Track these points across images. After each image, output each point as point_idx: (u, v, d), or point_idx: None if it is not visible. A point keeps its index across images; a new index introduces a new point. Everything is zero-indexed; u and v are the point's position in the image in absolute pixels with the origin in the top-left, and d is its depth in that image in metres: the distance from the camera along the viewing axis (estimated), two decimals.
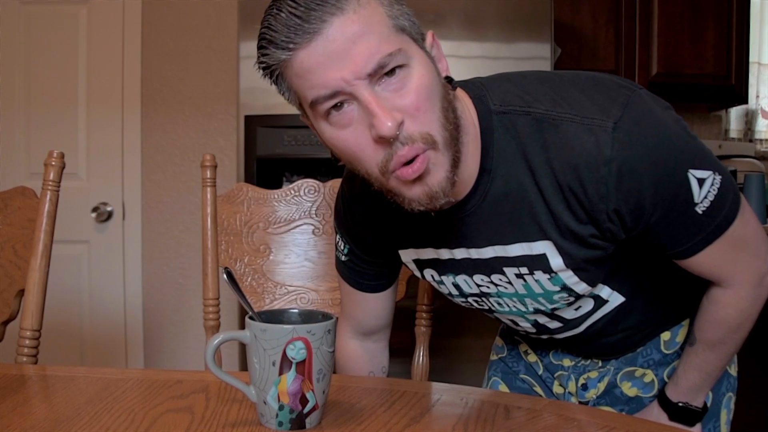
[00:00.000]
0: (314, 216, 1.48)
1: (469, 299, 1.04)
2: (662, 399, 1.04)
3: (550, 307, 0.99)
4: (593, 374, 1.13)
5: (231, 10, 2.82)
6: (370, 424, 0.81)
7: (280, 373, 0.77)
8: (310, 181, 1.48)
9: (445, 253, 0.99)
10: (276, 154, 2.36)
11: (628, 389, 1.10)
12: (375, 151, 0.78)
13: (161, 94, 2.88)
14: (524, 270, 0.93)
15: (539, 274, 0.93)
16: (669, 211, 0.84)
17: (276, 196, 1.48)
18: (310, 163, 2.37)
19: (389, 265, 1.10)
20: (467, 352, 2.35)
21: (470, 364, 2.30)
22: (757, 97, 3.37)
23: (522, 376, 1.22)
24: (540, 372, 1.20)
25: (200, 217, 1.79)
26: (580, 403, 1.14)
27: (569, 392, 1.15)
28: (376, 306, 1.15)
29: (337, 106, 0.77)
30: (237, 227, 1.47)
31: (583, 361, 1.14)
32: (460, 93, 0.87)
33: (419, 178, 0.79)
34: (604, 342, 1.08)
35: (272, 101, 2.37)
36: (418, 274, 1.06)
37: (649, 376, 1.10)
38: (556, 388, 1.17)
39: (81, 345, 2.87)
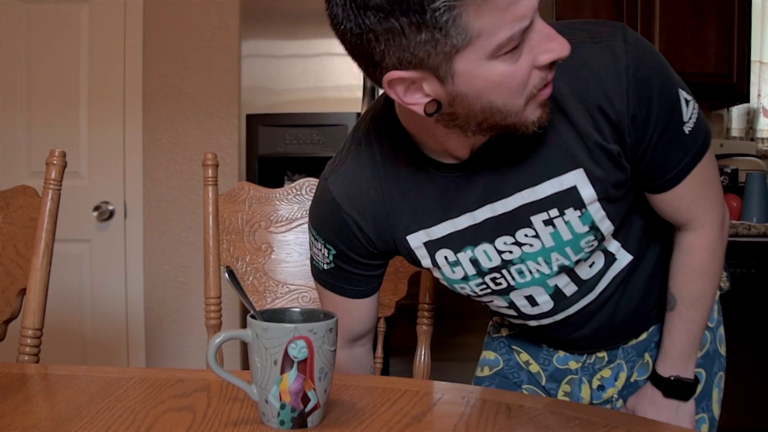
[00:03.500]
0: None
1: (486, 278, 1.01)
2: (654, 377, 1.05)
3: (575, 258, 0.97)
4: (606, 373, 1.12)
5: (232, 8, 2.83)
6: (371, 423, 0.81)
7: (282, 372, 0.77)
8: (312, 180, 1.48)
9: (464, 221, 0.96)
10: (277, 153, 2.36)
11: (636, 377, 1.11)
12: (531, 79, 0.78)
13: (162, 93, 2.88)
14: (554, 212, 0.93)
15: (570, 213, 0.93)
16: (666, 127, 0.89)
17: (277, 195, 1.48)
18: (311, 161, 2.37)
19: (380, 264, 1.07)
20: (469, 350, 2.34)
21: (472, 363, 2.29)
22: (759, 95, 3.37)
23: (525, 386, 1.19)
24: (543, 383, 1.17)
25: (202, 216, 1.79)
26: (592, 404, 1.13)
27: (581, 396, 1.13)
28: (365, 311, 1.12)
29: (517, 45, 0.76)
30: (238, 226, 1.47)
31: (588, 360, 1.14)
32: None
33: (545, 100, 0.82)
34: (611, 320, 1.07)
35: (274, 100, 2.37)
36: (427, 261, 1.01)
37: (646, 356, 1.10)
38: (561, 399, 1.15)
39: (82, 344, 2.88)
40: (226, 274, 0.86)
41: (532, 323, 1.10)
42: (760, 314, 2.48)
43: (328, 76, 2.39)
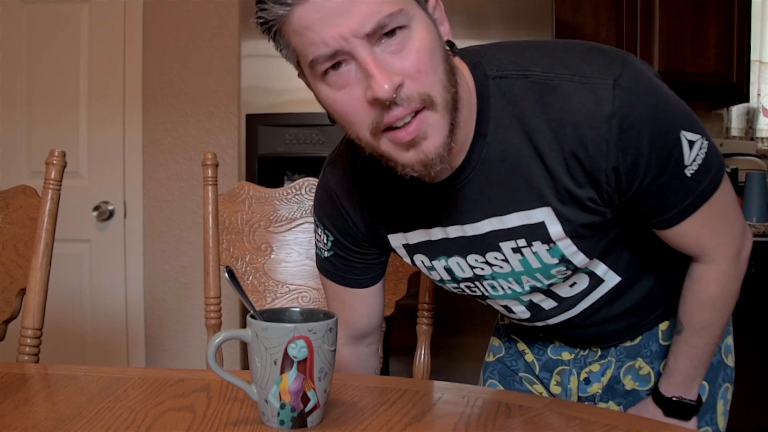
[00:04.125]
0: None
1: (461, 285, 1.02)
2: (656, 395, 1.04)
3: (547, 283, 0.97)
4: (595, 367, 1.13)
5: (232, 8, 2.83)
6: (371, 423, 0.81)
7: (282, 372, 0.77)
8: (312, 180, 1.48)
9: (437, 233, 0.96)
10: (277, 153, 2.36)
11: (628, 382, 1.10)
12: (367, 113, 0.77)
13: (162, 93, 2.88)
14: (522, 242, 0.92)
15: (538, 245, 0.91)
16: (661, 172, 0.84)
17: (277, 195, 1.48)
18: (311, 161, 2.37)
19: (377, 254, 1.07)
20: (469, 350, 2.35)
21: (472, 363, 2.30)
22: (759, 95, 3.37)
23: (521, 374, 1.21)
24: (537, 371, 1.19)
25: (201, 216, 1.79)
26: (580, 398, 1.14)
27: (569, 387, 1.14)
28: (367, 303, 1.12)
29: (335, 66, 0.76)
30: (238, 226, 1.47)
31: (582, 352, 1.14)
32: (456, 60, 0.86)
33: (414, 144, 0.78)
34: (599, 328, 1.08)
35: (274, 100, 2.37)
36: (408, 260, 1.04)
37: (646, 368, 1.10)
38: (554, 388, 1.16)
39: (82, 344, 2.88)
40: (226, 274, 0.86)
41: (515, 321, 1.12)
42: (760, 314, 2.48)
43: None
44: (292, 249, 1.47)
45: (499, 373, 1.23)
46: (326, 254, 1.08)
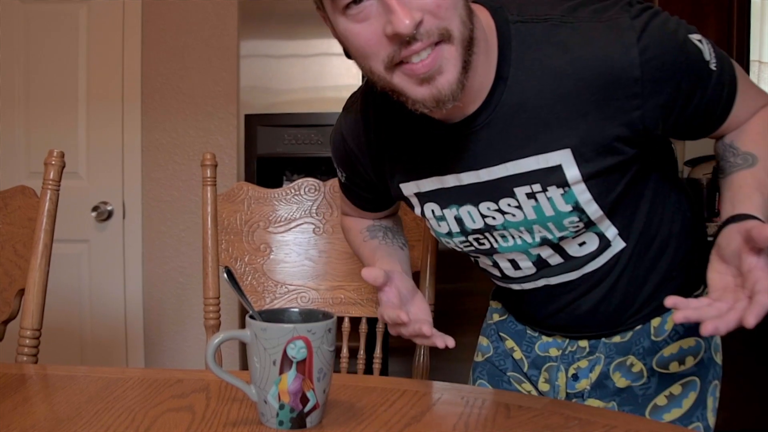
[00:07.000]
0: (315, 215, 1.47)
1: (470, 238, 1.03)
2: (731, 219, 0.85)
3: (558, 235, 0.97)
4: (583, 363, 1.12)
5: (231, 8, 2.82)
6: (370, 423, 0.81)
7: (281, 372, 0.77)
8: (311, 180, 1.48)
9: (450, 180, 0.97)
10: (276, 153, 2.36)
11: (618, 379, 1.10)
12: (383, 47, 0.78)
13: (161, 93, 2.88)
14: (537, 187, 0.92)
15: (552, 190, 0.92)
16: (698, 80, 0.87)
17: (276, 195, 1.48)
18: (310, 162, 2.37)
19: (387, 194, 1.12)
20: (468, 351, 2.33)
21: (470, 364, 2.30)
22: None
23: (510, 373, 1.20)
24: (525, 369, 1.18)
25: (200, 216, 1.79)
26: (568, 395, 1.13)
27: (557, 384, 1.14)
28: (380, 214, 1.22)
29: (357, 1, 0.78)
30: (237, 226, 1.47)
31: (570, 348, 1.13)
32: (476, 7, 0.88)
33: (428, 79, 0.79)
34: (591, 314, 1.07)
35: (272, 100, 2.37)
36: (418, 210, 1.05)
37: (638, 365, 1.09)
38: (542, 386, 1.16)
39: (81, 344, 2.88)
40: (225, 275, 0.86)
41: (515, 287, 1.11)
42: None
43: (326, 76, 2.39)
44: (291, 249, 1.47)
45: (488, 373, 1.23)
46: (343, 180, 1.16)
